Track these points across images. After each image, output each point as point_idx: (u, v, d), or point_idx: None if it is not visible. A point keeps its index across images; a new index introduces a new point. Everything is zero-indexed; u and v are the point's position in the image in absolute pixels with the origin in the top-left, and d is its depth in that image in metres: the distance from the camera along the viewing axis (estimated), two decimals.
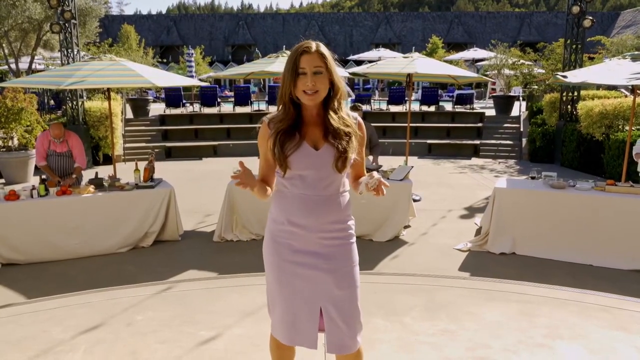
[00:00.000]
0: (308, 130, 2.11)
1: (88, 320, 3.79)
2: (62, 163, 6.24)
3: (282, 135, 2.06)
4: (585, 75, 6.40)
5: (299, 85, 2.02)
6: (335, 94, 2.09)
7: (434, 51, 30.93)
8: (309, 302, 2.16)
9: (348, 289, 2.17)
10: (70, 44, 11.48)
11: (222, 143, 13.99)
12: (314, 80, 2.00)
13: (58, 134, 6.13)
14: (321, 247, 2.15)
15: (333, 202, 2.15)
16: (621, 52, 16.32)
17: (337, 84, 2.07)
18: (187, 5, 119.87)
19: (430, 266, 5.31)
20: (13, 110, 9.53)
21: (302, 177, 2.10)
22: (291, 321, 2.19)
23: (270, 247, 2.22)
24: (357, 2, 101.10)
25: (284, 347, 2.36)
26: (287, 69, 2.04)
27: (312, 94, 2.02)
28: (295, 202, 2.13)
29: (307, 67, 2.00)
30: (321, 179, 2.10)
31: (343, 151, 2.06)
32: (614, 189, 5.44)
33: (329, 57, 2.04)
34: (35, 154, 6.23)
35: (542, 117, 13.12)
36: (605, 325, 3.71)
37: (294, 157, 2.06)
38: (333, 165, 2.07)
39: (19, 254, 5.39)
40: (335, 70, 2.05)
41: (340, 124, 2.09)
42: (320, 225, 2.13)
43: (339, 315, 2.15)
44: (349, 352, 2.18)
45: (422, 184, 9.18)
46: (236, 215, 6.22)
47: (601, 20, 41.56)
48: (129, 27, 28.16)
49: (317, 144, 2.09)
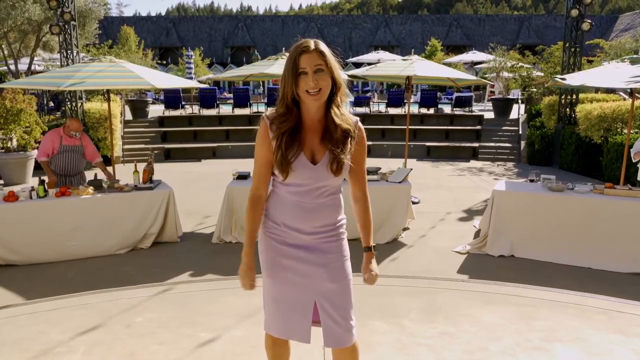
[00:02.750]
0: (307, 138, 2.10)
1: (86, 322, 3.78)
2: (72, 159, 6.27)
3: (285, 138, 2.05)
4: (583, 78, 6.42)
5: (300, 85, 2.01)
6: (337, 91, 2.08)
7: (433, 54, 30.97)
8: (302, 297, 2.19)
9: (341, 282, 2.20)
10: (70, 45, 11.49)
11: (221, 145, 14.00)
12: (316, 79, 1.99)
13: (77, 127, 6.20)
14: (314, 243, 2.18)
15: (328, 208, 2.17)
16: (620, 55, 16.37)
17: (339, 80, 2.06)
18: (187, 7, 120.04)
19: (429, 268, 5.32)
20: (12, 112, 9.52)
21: (298, 185, 2.11)
22: (284, 315, 2.21)
23: (265, 243, 2.24)
24: (356, 5, 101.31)
25: (279, 344, 2.38)
26: (288, 69, 2.03)
27: (315, 94, 2.01)
28: (291, 208, 2.15)
29: (308, 66, 2.00)
30: (317, 187, 2.12)
31: (338, 154, 2.07)
32: (612, 192, 5.45)
33: (329, 54, 2.03)
34: (40, 148, 6.19)
35: (540, 120, 13.15)
36: (604, 328, 3.71)
37: (294, 166, 2.07)
38: (328, 167, 2.08)
39: (17, 255, 5.38)
40: (335, 66, 2.05)
41: (342, 120, 2.09)
42: (314, 229, 2.16)
43: (333, 308, 2.17)
44: (346, 345, 2.21)
45: (421, 187, 9.19)
46: (235, 216, 6.22)
47: (600, 24, 41.66)
48: (128, 29, 28.18)
49: (315, 155, 2.10)
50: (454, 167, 12.32)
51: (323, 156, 2.09)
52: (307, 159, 2.08)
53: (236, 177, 6.49)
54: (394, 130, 14.70)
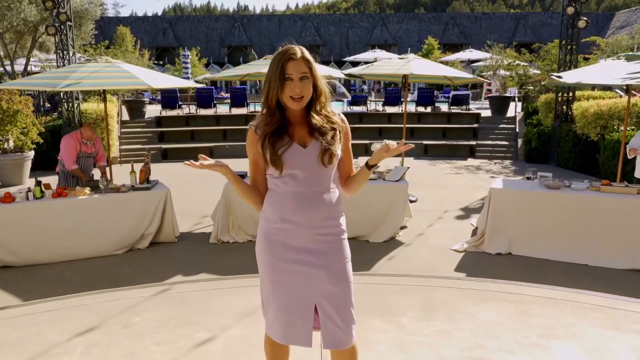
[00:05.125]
0: (295, 130, 2.16)
1: (84, 323, 3.78)
2: (88, 163, 6.41)
3: (270, 136, 2.12)
4: (580, 76, 6.43)
5: (285, 90, 2.07)
6: (318, 97, 2.16)
7: (429, 52, 30.95)
8: (303, 300, 2.18)
9: (342, 285, 2.21)
10: (66, 46, 11.45)
11: (219, 144, 13.98)
12: (300, 86, 2.06)
13: (89, 136, 6.29)
14: (314, 243, 2.19)
15: (324, 198, 2.20)
16: (616, 52, 16.40)
17: (320, 87, 2.15)
18: (183, 7, 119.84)
19: (427, 267, 5.33)
20: (9, 113, 9.49)
21: (292, 175, 2.14)
22: (285, 320, 2.20)
23: (264, 246, 2.24)
24: (353, 4, 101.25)
25: (279, 346, 2.37)
26: (274, 73, 2.08)
27: (298, 99, 2.08)
28: (287, 199, 2.17)
29: (294, 73, 2.05)
30: (312, 175, 2.15)
31: (327, 146, 2.13)
32: (609, 189, 5.47)
33: (314, 63, 2.11)
34: (66, 159, 6.21)
35: (537, 118, 13.17)
36: (600, 325, 3.72)
37: (285, 156, 2.11)
38: (319, 159, 2.13)
39: (14, 256, 5.37)
40: (318, 75, 2.13)
41: (322, 122, 2.16)
42: (313, 221, 2.18)
43: (334, 310, 2.18)
44: (346, 347, 2.21)
45: (419, 185, 9.19)
46: (233, 216, 6.22)
47: (596, 21, 41.73)
48: (124, 29, 28.06)
49: (304, 141, 2.15)
50: (451, 165, 12.34)
51: (312, 142, 2.14)
52: (298, 144, 2.14)
53: None
54: (391, 129, 14.71)
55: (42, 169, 10.59)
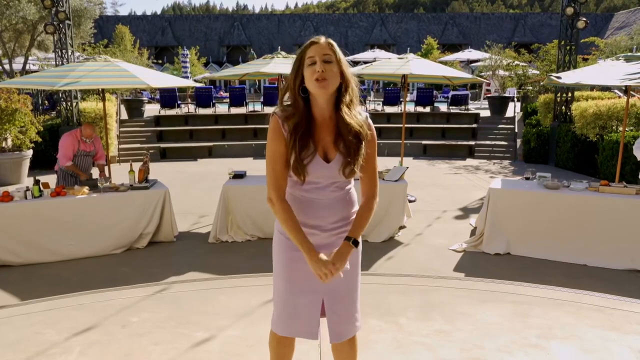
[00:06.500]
0: (320, 136, 2.08)
1: (82, 322, 3.77)
2: (86, 162, 6.40)
3: (299, 141, 2.03)
4: (579, 76, 6.43)
5: (308, 75, 2.01)
6: (347, 87, 2.06)
7: (428, 52, 30.96)
8: (312, 295, 2.20)
9: (350, 280, 2.23)
10: (65, 44, 11.44)
11: (217, 144, 13.97)
12: (324, 67, 1.98)
13: (89, 134, 6.28)
14: (329, 238, 2.20)
15: (342, 202, 2.19)
16: (615, 53, 16.42)
17: (347, 76, 2.05)
18: (182, 6, 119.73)
19: (425, 267, 5.32)
20: (7, 111, 9.48)
21: (314, 183, 2.11)
22: (293, 313, 2.23)
23: (280, 245, 2.25)
24: (352, 3, 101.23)
25: (285, 342, 2.38)
26: (297, 60, 2.05)
27: (322, 81, 1.98)
28: (308, 205, 2.15)
29: (316, 54, 2.00)
30: (332, 184, 2.13)
31: (351, 160, 2.06)
32: (607, 190, 5.47)
33: (338, 49, 2.04)
34: (61, 155, 6.22)
35: (536, 118, 13.18)
36: (599, 325, 3.72)
37: (309, 168, 2.06)
38: (340, 172, 2.08)
39: (12, 256, 5.36)
40: (344, 62, 2.05)
41: (353, 120, 2.07)
42: (332, 224, 2.18)
43: (341, 306, 2.22)
44: (349, 336, 2.25)
45: (417, 185, 9.19)
46: (231, 216, 6.21)
47: (595, 22, 41.81)
48: (123, 28, 28.03)
49: (328, 153, 2.08)
50: (450, 165, 12.34)
51: (335, 155, 2.08)
52: (321, 157, 2.08)
53: (232, 177, 6.48)
54: (390, 129, 14.71)
55: (40, 168, 10.58)
